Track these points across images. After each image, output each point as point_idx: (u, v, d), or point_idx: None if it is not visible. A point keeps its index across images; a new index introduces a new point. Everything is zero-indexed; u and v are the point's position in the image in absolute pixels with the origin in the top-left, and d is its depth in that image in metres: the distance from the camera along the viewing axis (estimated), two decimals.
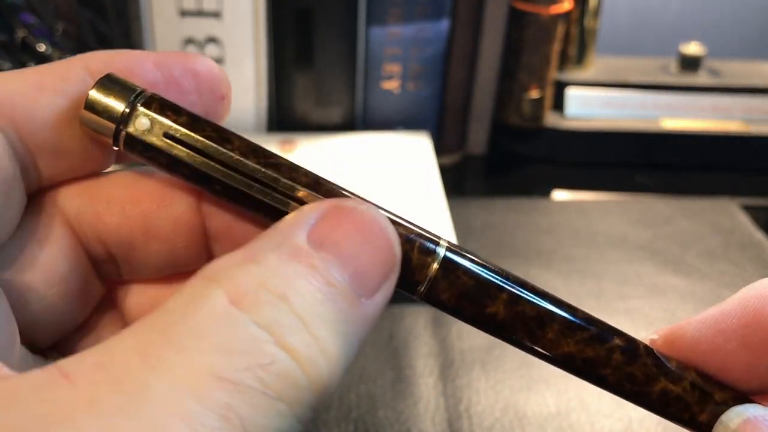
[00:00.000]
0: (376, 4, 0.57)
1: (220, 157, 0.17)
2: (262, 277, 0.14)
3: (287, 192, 0.17)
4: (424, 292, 0.18)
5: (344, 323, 0.15)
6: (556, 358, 0.18)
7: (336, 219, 0.16)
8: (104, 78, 0.18)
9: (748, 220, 0.56)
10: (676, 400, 0.19)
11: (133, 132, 0.17)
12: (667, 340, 0.19)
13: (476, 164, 0.66)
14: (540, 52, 0.61)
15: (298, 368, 0.14)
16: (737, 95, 0.65)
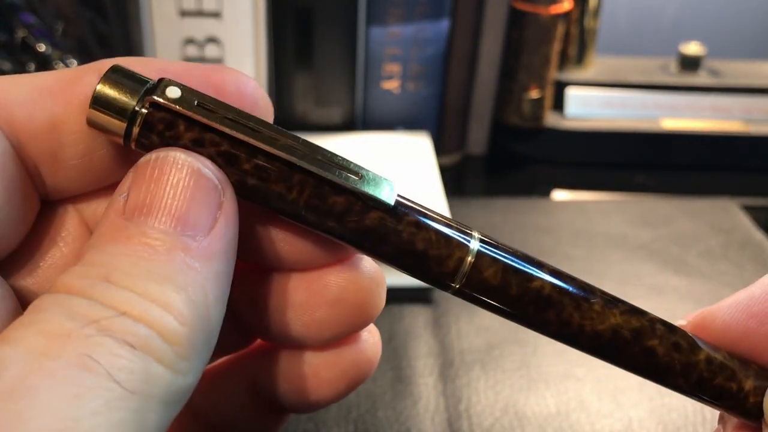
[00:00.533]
0: (376, 4, 0.57)
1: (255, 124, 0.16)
2: (85, 273, 0.14)
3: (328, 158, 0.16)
4: (468, 271, 0.17)
5: (184, 272, 0.15)
6: (603, 333, 0.17)
7: (141, 181, 0.16)
8: (112, 70, 0.16)
9: (748, 220, 0.56)
10: (721, 368, 0.18)
11: (162, 101, 0.16)
12: (697, 326, 0.19)
13: (476, 164, 0.66)
14: (540, 52, 0.61)
15: (141, 325, 0.14)
16: (737, 95, 0.65)
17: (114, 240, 0.15)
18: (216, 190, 0.16)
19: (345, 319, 0.19)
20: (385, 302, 0.19)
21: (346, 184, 0.16)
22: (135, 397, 0.13)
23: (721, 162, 0.66)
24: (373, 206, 0.17)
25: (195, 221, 0.15)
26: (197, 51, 0.58)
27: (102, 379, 0.13)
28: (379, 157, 0.57)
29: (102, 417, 0.13)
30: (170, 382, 0.14)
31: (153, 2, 0.56)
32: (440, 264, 0.17)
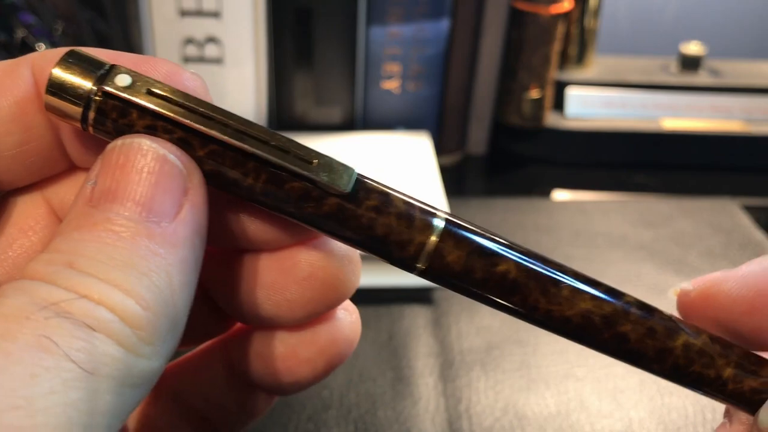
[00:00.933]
0: (376, 4, 0.57)
1: (206, 111, 0.16)
2: (50, 260, 0.15)
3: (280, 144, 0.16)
4: (431, 254, 0.17)
5: (148, 257, 0.15)
6: (572, 319, 0.17)
7: (107, 168, 0.16)
8: (68, 54, 0.16)
9: (749, 219, 0.56)
10: (700, 354, 0.17)
11: (113, 90, 0.16)
12: (702, 294, 0.18)
13: (476, 164, 0.66)
14: (540, 52, 0.61)
15: (102, 308, 0.14)
16: (737, 95, 0.65)
17: (80, 227, 0.15)
18: (181, 176, 0.16)
19: (317, 297, 0.19)
20: (359, 280, 0.19)
21: (300, 170, 0.16)
22: (92, 378, 0.13)
23: (722, 162, 0.66)
24: (331, 193, 0.16)
25: (160, 207, 0.15)
26: (197, 51, 0.58)
27: (59, 360, 0.13)
28: (379, 157, 0.57)
29: (58, 396, 0.13)
30: (132, 365, 0.14)
31: (153, 2, 0.56)
32: (401, 249, 0.17)
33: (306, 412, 0.39)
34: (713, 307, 0.18)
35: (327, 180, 0.16)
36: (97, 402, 0.13)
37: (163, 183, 0.16)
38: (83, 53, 0.16)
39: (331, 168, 0.16)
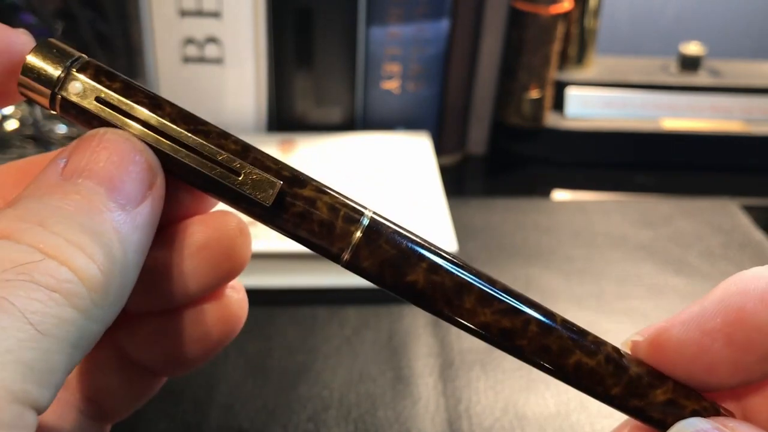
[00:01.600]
0: (376, 4, 0.57)
1: (148, 121, 0.18)
2: (21, 216, 0.16)
3: (212, 157, 0.18)
4: (348, 259, 0.19)
5: (111, 231, 0.16)
6: (474, 328, 0.19)
7: (84, 150, 0.17)
8: (42, 43, 0.18)
9: (748, 220, 0.56)
10: (590, 373, 0.19)
11: (67, 96, 0.18)
12: (653, 344, 0.19)
13: (476, 164, 0.66)
14: (540, 52, 0.61)
15: (64, 268, 0.15)
16: (737, 95, 0.65)
17: (51, 193, 0.16)
18: (150, 172, 0.17)
19: (212, 269, 0.20)
20: (251, 252, 0.20)
21: (226, 183, 0.18)
22: (46, 339, 0.14)
23: (721, 162, 0.66)
24: (255, 203, 0.18)
25: (128, 192, 0.17)
26: (197, 51, 0.58)
27: (15, 320, 0.14)
28: (379, 157, 0.57)
29: (12, 355, 0.14)
30: (82, 326, 0.15)
31: (153, 2, 0.56)
32: (323, 251, 0.19)
33: (306, 412, 0.39)
34: (665, 354, 0.19)
35: (250, 193, 0.18)
36: (48, 361, 0.14)
37: (134, 172, 0.17)
38: (56, 44, 0.18)
39: (254, 182, 0.18)
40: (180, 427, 0.38)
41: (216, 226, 0.20)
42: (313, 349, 0.43)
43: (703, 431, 0.18)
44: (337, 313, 0.46)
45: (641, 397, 0.19)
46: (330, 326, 0.45)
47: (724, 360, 0.18)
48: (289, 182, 0.18)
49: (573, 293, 0.48)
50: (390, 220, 0.19)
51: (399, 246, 0.19)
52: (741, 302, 0.18)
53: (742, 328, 0.18)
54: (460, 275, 0.19)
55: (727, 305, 0.18)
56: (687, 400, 0.19)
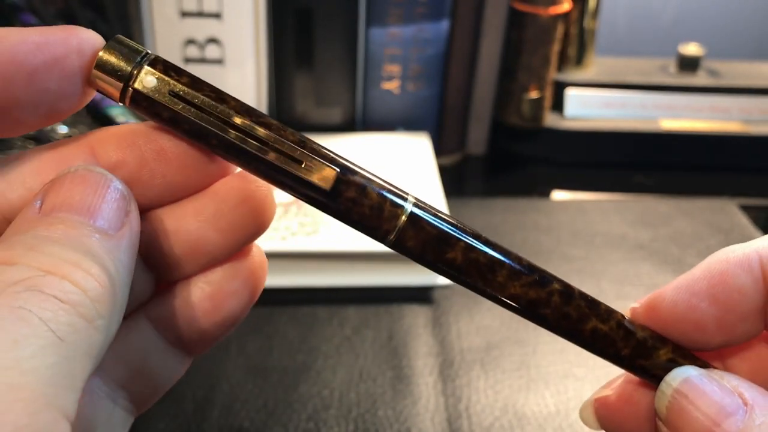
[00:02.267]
0: (376, 5, 0.58)
1: (216, 113, 0.19)
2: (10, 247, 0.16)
3: (276, 146, 0.19)
4: (394, 239, 0.20)
5: (100, 251, 0.17)
6: (504, 299, 0.21)
7: (58, 188, 0.18)
8: (113, 40, 0.19)
9: (747, 220, 0.57)
10: (604, 337, 0.22)
11: (141, 89, 0.19)
12: (648, 307, 0.22)
13: (476, 164, 0.66)
14: (539, 53, 0.61)
15: (66, 282, 0.16)
16: (736, 96, 0.66)
17: (34, 227, 0.17)
18: (125, 200, 0.18)
19: (250, 222, 0.21)
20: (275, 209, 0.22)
21: (289, 169, 0.20)
22: (65, 345, 0.15)
23: (720, 162, 0.66)
24: (315, 188, 0.20)
25: (108, 218, 0.18)
26: (198, 51, 0.58)
27: (36, 328, 0.15)
28: (379, 157, 0.57)
29: (38, 359, 0.14)
30: (91, 335, 0.16)
31: (154, 3, 0.56)
32: (371, 232, 0.20)
33: (306, 412, 0.39)
34: (659, 315, 0.22)
35: (311, 180, 0.20)
36: (67, 366, 0.15)
37: (110, 201, 0.18)
38: (125, 40, 0.19)
39: (315, 170, 0.20)
40: (181, 427, 0.38)
41: (250, 181, 0.21)
42: (314, 349, 0.43)
43: (695, 376, 0.21)
44: (337, 312, 0.46)
45: (646, 357, 0.22)
46: (330, 326, 0.45)
47: (709, 318, 0.21)
48: (343, 170, 0.20)
49: None
50: (430, 205, 0.21)
51: (439, 228, 0.21)
52: (723, 267, 0.21)
53: (724, 289, 0.21)
54: (492, 254, 0.21)
55: (711, 270, 0.21)
56: (684, 359, 0.22)
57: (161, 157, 0.20)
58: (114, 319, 0.17)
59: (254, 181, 0.21)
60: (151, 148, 0.20)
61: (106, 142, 0.20)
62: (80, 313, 0.15)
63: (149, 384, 0.22)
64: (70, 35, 0.19)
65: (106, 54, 0.19)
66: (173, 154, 0.20)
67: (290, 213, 0.49)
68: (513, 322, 0.45)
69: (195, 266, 0.22)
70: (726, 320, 0.21)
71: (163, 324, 0.22)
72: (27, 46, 0.18)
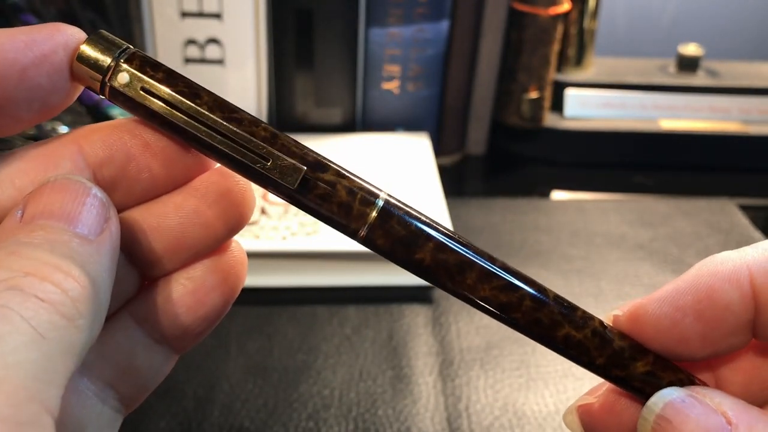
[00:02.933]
0: (376, 5, 0.58)
1: (187, 110, 0.20)
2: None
3: (243, 144, 0.20)
4: (364, 236, 0.20)
5: (80, 254, 0.17)
6: (474, 301, 0.21)
7: (38, 197, 0.18)
8: (95, 34, 0.20)
9: (746, 219, 0.57)
10: (577, 345, 0.21)
11: (115, 85, 0.20)
12: (630, 318, 0.21)
13: (476, 165, 0.66)
14: (539, 53, 0.61)
15: (46, 283, 0.16)
16: (735, 96, 0.66)
17: (15, 235, 0.17)
18: (104, 206, 0.19)
19: (231, 215, 0.22)
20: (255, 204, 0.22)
21: (255, 167, 0.20)
22: (46, 342, 0.15)
23: (719, 162, 0.66)
24: (282, 186, 0.20)
25: (88, 224, 0.18)
26: (198, 52, 0.58)
27: (17, 325, 0.15)
28: (379, 157, 0.57)
29: (20, 354, 0.15)
30: (72, 334, 0.16)
31: (154, 3, 0.56)
32: (342, 228, 0.21)
33: (306, 411, 0.39)
34: (641, 327, 0.21)
35: (277, 178, 0.20)
36: (49, 362, 0.15)
37: (89, 206, 0.18)
38: (106, 35, 0.20)
39: (281, 168, 0.20)
40: (181, 426, 0.38)
41: (229, 176, 0.21)
42: (314, 348, 0.43)
43: (677, 399, 0.20)
44: (337, 312, 0.46)
45: (623, 368, 0.21)
46: (330, 325, 0.45)
47: (694, 333, 0.20)
48: (313, 167, 0.20)
49: (572, 292, 0.48)
50: (403, 202, 0.21)
51: (409, 227, 0.21)
52: (710, 282, 0.20)
53: (711, 305, 0.20)
54: (463, 254, 0.21)
55: (698, 284, 0.20)
56: (665, 372, 0.21)
57: (147, 151, 0.20)
58: (96, 318, 0.17)
59: (233, 176, 0.21)
60: (136, 143, 0.20)
61: (93, 139, 0.20)
62: (61, 312, 0.16)
63: (136, 382, 0.23)
64: (56, 32, 0.19)
65: (86, 48, 0.19)
66: (158, 148, 0.20)
67: (290, 213, 0.49)
68: None
69: (177, 262, 0.22)
70: (711, 335, 0.20)
71: (147, 321, 0.22)
72: (16, 45, 0.18)
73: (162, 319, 0.22)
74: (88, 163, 0.20)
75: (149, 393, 0.23)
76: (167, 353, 0.23)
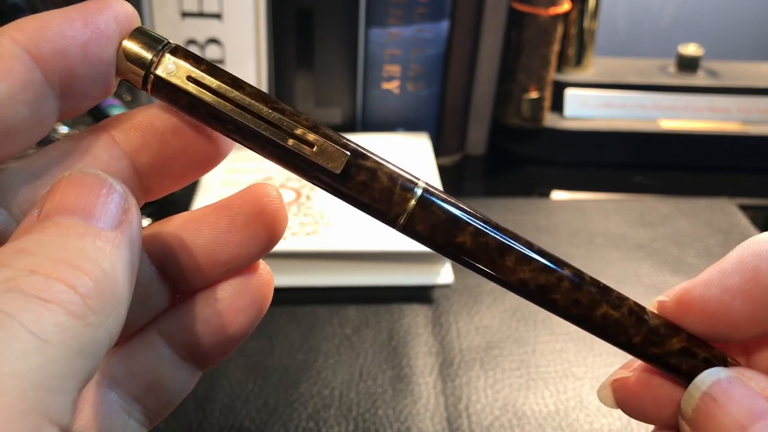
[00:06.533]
0: (376, 6, 0.58)
1: (233, 98, 0.20)
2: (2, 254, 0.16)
3: (289, 131, 0.20)
4: (404, 223, 0.21)
5: (93, 249, 0.17)
6: (513, 283, 0.21)
7: (54, 194, 0.18)
8: (136, 30, 0.20)
9: (746, 219, 0.57)
10: (615, 324, 0.21)
11: (161, 75, 0.20)
12: (679, 303, 0.21)
13: (476, 165, 0.66)
14: (539, 53, 0.61)
15: (52, 280, 0.15)
16: (735, 96, 0.66)
17: (28, 233, 0.17)
18: (122, 198, 0.18)
19: (261, 237, 0.22)
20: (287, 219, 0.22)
21: (301, 153, 0.20)
22: (50, 347, 0.14)
23: (719, 162, 0.66)
24: (325, 171, 0.20)
25: (104, 217, 0.17)
26: (198, 52, 0.58)
27: (16, 331, 0.14)
28: None
29: (20, 363, 0.14)
30: (83, 333, 0.15)
31: (154, 3, 0.56)
32: (382, 215, 0.21)
33: (307, 411, 0.39)
34: (690, 311, 0.21)
35: (322, 163, 0.20)
36: (54, 368, 0.14)
37: (106, 199, 0.18)
38: (147, 31, 0.20)
39: (326, 153, 0.20)
40: (182, 425, 0.38)
41: (261, 196, 0.22)
42: (314, 348, 0.43)
43: (724, 379, 0.20)
44: (337, 312, 0.46)
45: (659, 345, 0.22)
46: (330, 325, 0.45)
47: (743, 315, 0.20)
48: (354, 154, 0.20)
49: None
50: (439, 190, 0.21)
51: (448, 212, 0.21)
52: (755, 263, 0.20)
53: (758, 285, 0.20)
54: (501, 238, 0.21)
55: (743, 266, 0.20)
56: (699, 348, 0.21)
57: (179, 134, 0.21)
58: (113, 314, 0.16)
59: (267, 195, 0.21)
60: (168, 127, 0.20)
61: (126, 127, 0.20)
62: (68, 310, 0.15)
63: (162, 397, 0.23)
64: (105, 6, 0.19)
65: (129, 43, 0.20)
66: (188, 131, 0.21)
67: (290, 213, 0.49)
68: (513, 321, 0.45)
69: (208, 279, 0.22)
70: (759, 316, 0.20)
71: (175, 339, 0.22)
72: (73, 23, 0.19)
73: (189, 338, 0.22)
74: (124, 152, 0.20)
75: (173, 408, 0.23)
76: (192, 370, 0.23)
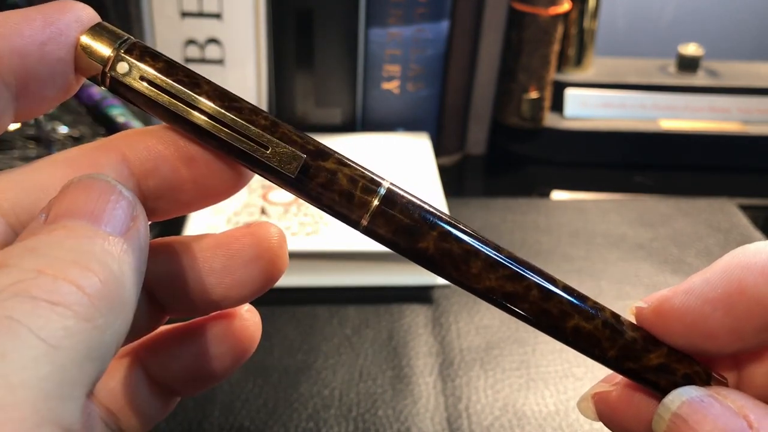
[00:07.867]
0: (376, 6, 0.58)
1: (187, 99, 0.20)
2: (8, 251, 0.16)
3: (243, 132, 0.20)
4: (365, 226, 0.20)
5: (102, 251, 0.16)
6: (479, 291, 0.20)
7: (62, 198, 0.17)
8: (96, 25, 0.20)
9: (746, 219, 0.57)
10: (587, 336, 0.20)
11: (115, 75, 0.20)
12: (655, 311, 0.20)
13: (476, 165, 0.66)
14: (539, 53, 0.61)
15: (60, 281, 0.15)
16: (735, 96, 0.66)
17: (36, 234, 0.16)
18: (130, 205, 0.18)
19: (262, 275, 0.21)
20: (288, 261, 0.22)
21: (255, 155, 0.20)
22: (59, 352, 0.14)
23: (719, 162, 0.66)
24: (282, 174, 0.20)
25: (112, 222, 0.17)
26: (198, 52, 0.58)
27: (25, 337, 0.14)
28: (379, 158, 0.57)
29: (30, 371, 0.14)
30: (92, 336, 0.15)
31: (154, 3, 0.56)
32: (343, 218, 0.20)
33: (307, 411, 0.39)
34: (667, 320, 0.20)
35: (276, 166, 0.20)
36: (64, 374, 0.14)
37: (114, 205, 0.18)
38: (107, 26, 0.20)
39: (281, 155, 0.20)
40: (181, 425, 0.38)
41: (262, 237, 0.21)
42: (314, 348, 0.43)
43: (695, 398, 0.19)
44: (337, 312, 0.46)
45: (635, 360, 0.20)
46: (330, 325, 0.45)
47: (723, 328, 0.19)
48: (313, 155, 0.20)
49: None
50: (406, 190, 0.20)
51: (412, 215, 0.20)
52: (742, 275, 0.19)
53: (742, 299, 0.19)
54: (468, 243, 0.20)
55: (729, 277, 0.19)
56: (679, 364, 0.20)
57: (191, 165, 0.20)
58: (120, 317, 0.16)
59: (268, 238, 0.21)
60: (181, 156, 0.20)
61: (138, 148, 0.20)
62: (77, 313, 0.15)
63: (137, 417, 0.23)
64: (66, 8, 0.19)
65: (87, 39, 0.20)
66: (202, 161, 0.20)
67: (290, 213, 0.49)
68: (513, 321, 0.45)
69: (196, 311, 0.22)
70: (741, 330, 0.19)
71: (149, 369, 0.22)
72: (31, 23, 0.19)
73: (162, 372, 0.22)
74: (132, 173, 0.20)
75: (152, 426, 0.23)
76: (168, 396, 0.23)
